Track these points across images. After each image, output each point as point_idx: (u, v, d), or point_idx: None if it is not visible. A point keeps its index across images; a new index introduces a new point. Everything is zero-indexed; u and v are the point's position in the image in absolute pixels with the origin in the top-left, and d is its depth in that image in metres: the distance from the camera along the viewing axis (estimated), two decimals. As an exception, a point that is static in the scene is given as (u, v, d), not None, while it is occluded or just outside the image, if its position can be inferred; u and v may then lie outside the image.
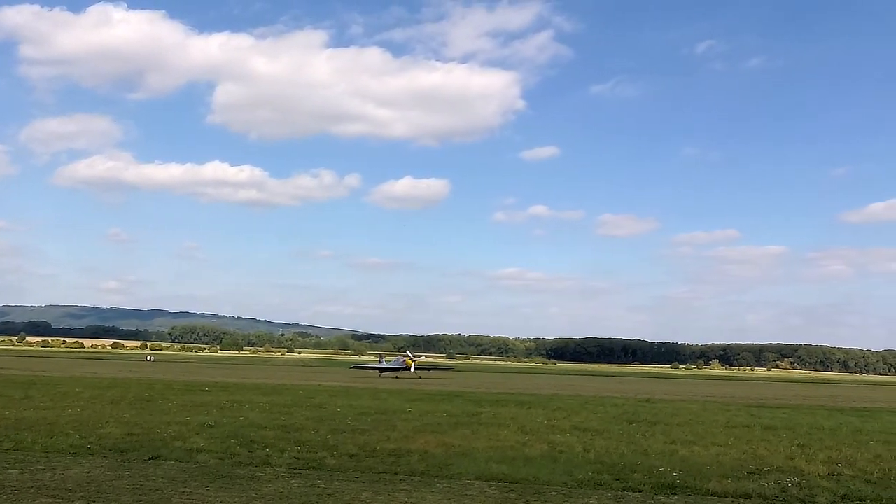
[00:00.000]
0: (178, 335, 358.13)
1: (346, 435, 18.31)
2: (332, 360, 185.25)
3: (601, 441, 18.73)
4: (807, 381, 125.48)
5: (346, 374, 73.42)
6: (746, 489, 12.65)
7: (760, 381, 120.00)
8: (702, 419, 26.74)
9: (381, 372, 69.67)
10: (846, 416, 32.01)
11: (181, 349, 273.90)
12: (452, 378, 70.98)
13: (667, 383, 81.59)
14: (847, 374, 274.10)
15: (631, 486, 12.70)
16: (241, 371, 76.32)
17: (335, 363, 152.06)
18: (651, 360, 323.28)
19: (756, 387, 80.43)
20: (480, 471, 13.64)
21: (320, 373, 78.69)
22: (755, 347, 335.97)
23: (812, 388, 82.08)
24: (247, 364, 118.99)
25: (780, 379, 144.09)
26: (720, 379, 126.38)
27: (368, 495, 11.29)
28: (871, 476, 14.51)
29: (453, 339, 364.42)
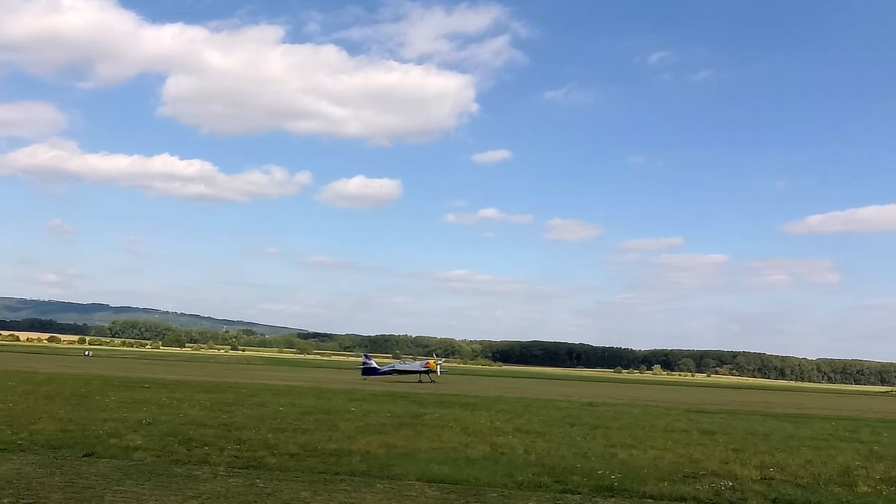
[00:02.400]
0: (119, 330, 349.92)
1: (287, 434, 18.14)
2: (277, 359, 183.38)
3: (543, 443, 18.90)
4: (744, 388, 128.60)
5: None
6: (682, 492, 12.91)
7: (700, 386, 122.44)
8: (642, 423, 27.16)
9: (399, 374, 66.98)
10: (780, 421, 32.85)
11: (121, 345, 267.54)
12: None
13: (609, 387, 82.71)
14: (783, 381, 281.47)
15: (570, 489, 12.84)
16: (182, 368, 74.99)
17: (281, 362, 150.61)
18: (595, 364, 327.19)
19: (696, 392, 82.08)
20: (422, 472, 13.65)
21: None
22: (696, 353, 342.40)
23: (749, 394, 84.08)
24: (189, 361, 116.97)
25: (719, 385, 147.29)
26: (661, 384, 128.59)
27: (308, 495, 11.21)
28: (801, 481, 14.92)
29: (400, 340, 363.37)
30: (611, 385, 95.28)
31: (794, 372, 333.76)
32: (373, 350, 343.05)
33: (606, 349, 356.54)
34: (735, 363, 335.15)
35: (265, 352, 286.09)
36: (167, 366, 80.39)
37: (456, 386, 58.06)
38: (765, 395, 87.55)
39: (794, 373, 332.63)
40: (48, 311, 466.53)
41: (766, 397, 75.09)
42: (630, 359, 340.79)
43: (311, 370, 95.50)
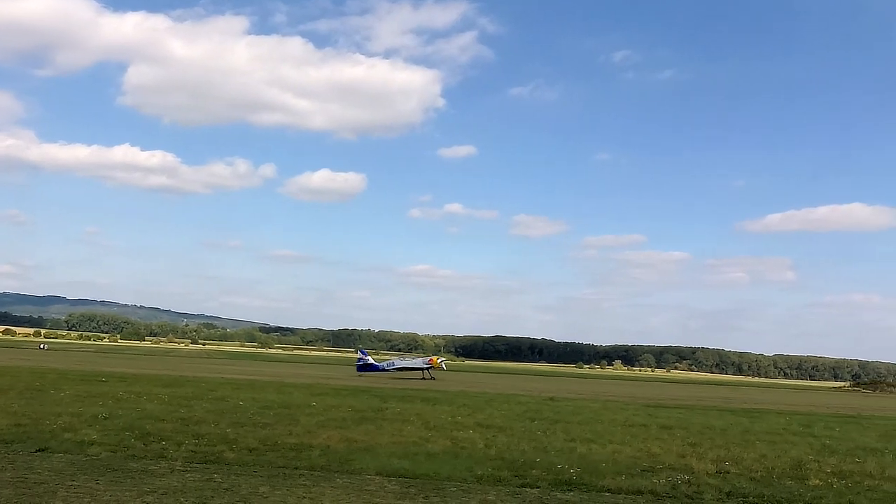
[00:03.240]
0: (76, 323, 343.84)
1: (247, 429, 17.99)
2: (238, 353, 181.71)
3: (503, 438, 18.99)
4: (703, 383, 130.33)
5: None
6: (639, 486, 13.06)
7: (659, 381, 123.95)
8: (601, 418, 27.44)
9: (402, 371, 64.93)
10: (737, 416, 33.40)
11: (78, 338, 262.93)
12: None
13: (571, 382, 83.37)
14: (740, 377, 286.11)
15: (529, 483, 12.93)
16: (141, 362, 73.93)
17: (242, 356, 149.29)
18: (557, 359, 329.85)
19: (655, 387, 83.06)
20: (382, 466, 13.64)
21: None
22: (656, 349, 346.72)
23: (707, 390, 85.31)
24: (147, 355, 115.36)
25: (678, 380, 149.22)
26: (622, 379, 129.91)
27: (266, 490, 11.13)
28: (756, 474, 15.20)
29: (363, 334, 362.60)
30: (572, 380, 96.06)
31: (752, 368, 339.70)
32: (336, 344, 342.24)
33: (568, 344, 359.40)
34: (694, 359, 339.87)
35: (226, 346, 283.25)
36: (125, 359, 79.21)
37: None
38: (722, 390, 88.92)
39: (752, 369, 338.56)
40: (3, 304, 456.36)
41: (723, 393, 76.27)
42: (591, 354, 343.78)
43: (273, 364, 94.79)
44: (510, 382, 69.52)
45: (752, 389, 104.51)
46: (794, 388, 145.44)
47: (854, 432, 27.59)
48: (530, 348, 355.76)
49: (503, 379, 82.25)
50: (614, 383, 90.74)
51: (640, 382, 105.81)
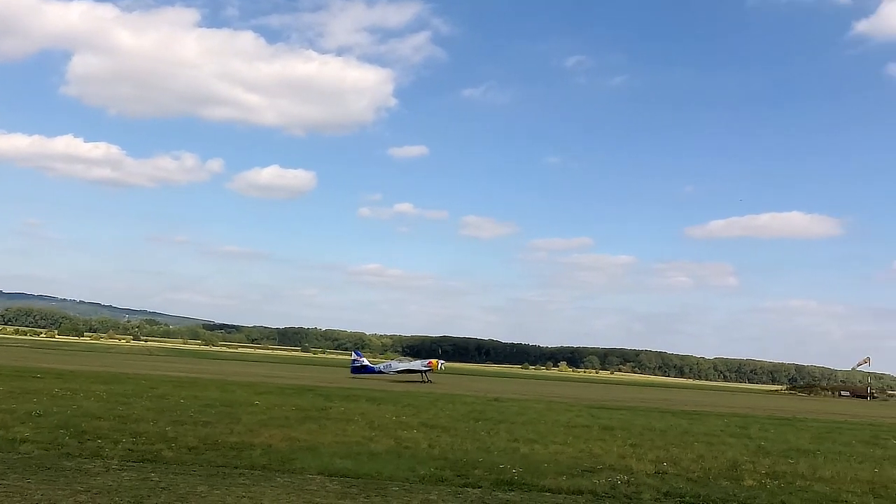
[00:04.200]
0: (12, 318, 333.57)
1: (187, 427, 17.70)
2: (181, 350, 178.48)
3: (447, 438, 19.03)
4: (645, 385, 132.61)
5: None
6: (579, 486, 13.22)
7: (603, 383, 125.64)
8: (545, 418, 27.69)
9: (398, 374, 63.87)
10: (677, 418, 34.01)
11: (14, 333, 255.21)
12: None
13: (516, 383, 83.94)
14: (682, 379, 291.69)
15: (471, 482, 12.99)
16: (79, 358, 72.12)
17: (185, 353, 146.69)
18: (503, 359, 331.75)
19: (599, 389, 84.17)
20: (324, 465, 13.56)
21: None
22: (601, 351, 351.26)
23: (649, 392, 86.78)
24: (86, 351, 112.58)
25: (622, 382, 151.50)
26: (567, 380, 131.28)
27: (204, 489, 10.97)
28: (693, 475, 15.51)
29: (310, 333, 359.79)
30: (517, 381, 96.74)
31: (693, 370, 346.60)
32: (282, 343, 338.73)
33: (515, 345, 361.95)
34: (638, 361, 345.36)
35: (169, 343, 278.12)
36: (62, 355, 77.15)
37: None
38: (664, 392, 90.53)
39: (693, 371, 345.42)
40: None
41: (665, 395, 77.63)
42: (537, 355, 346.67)
43: (217, 362, 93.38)
44: (456, 382, 69.66)
45: (692, 392, 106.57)
46: (733, 390, 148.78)
47: (788, 434, 28.32)
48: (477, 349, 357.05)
49: (448, 379, 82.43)
50: (559, 384, 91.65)
51: (583, 384, 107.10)
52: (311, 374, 65.05)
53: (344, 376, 62.22)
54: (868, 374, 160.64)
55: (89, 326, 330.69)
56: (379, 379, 60.09)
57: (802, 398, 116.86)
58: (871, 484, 15.78)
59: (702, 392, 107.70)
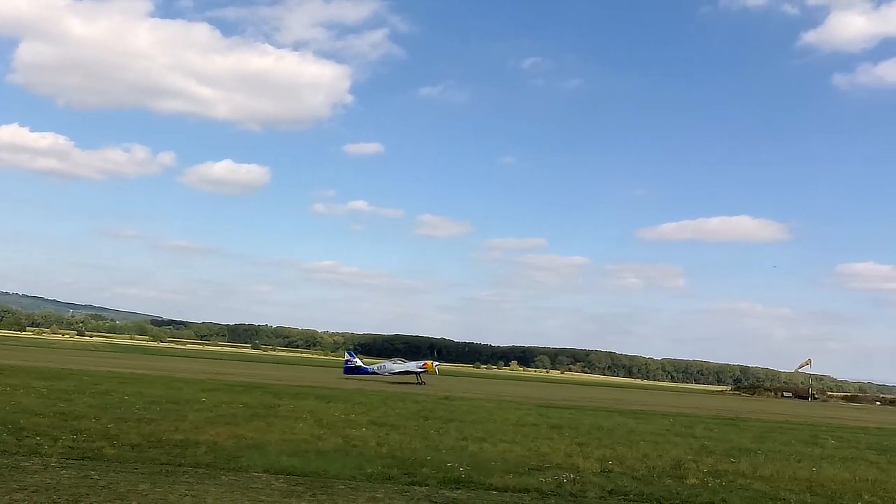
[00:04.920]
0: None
1: (130, 424, 17.37)
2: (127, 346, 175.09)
3: (396, 436, 19.00)
4: (594, 384, 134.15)
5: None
6: (526, 484, 13.31)
7: (554, 382, 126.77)
8: (495, 417, 27.82)
9: (395, 375, 62.51)
10: (624, 417, 34.48)
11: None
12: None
13: (467, 381, 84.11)
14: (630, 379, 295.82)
15: (418, 481, 12.99)
16: (20, 353, 70.23)
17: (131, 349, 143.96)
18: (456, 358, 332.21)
19: (549, 388, 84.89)
20: (270, 463, 13.42)
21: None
22: (552, 351, 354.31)
23: (598, 391, 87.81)
24: (28, 346, 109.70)
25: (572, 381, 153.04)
26: (518, 379, 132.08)
27: (146, 487, 10.76)
28: (638, 473, 15.74)
29: (261, 330, 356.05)
30: (468, 379, 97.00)
31: (641, 371, 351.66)
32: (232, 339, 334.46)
33: (467, 344, 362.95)
34: (588, 361, 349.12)
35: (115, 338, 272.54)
36: (2, 350, 75.05)
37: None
38: (613, 392, 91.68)
39: (641, 371, 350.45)
40: None
41: (613, 394, 78.63)
42: (489, 354, 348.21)
43: (164, 358, 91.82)
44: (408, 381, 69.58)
45: (640, 391, 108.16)
46: (680, 390, 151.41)
47: (732, 434, 28.92)
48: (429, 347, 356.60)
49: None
50: (509, 383, 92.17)
51: (534, 383, 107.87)
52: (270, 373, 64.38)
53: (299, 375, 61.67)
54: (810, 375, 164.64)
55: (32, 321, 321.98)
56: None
57: (747, 398, 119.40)
58: (809, 482, 16.21)
59: (649, 392, 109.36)
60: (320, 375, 66.32)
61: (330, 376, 66.07)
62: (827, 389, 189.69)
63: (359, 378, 60.56)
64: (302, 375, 63.35)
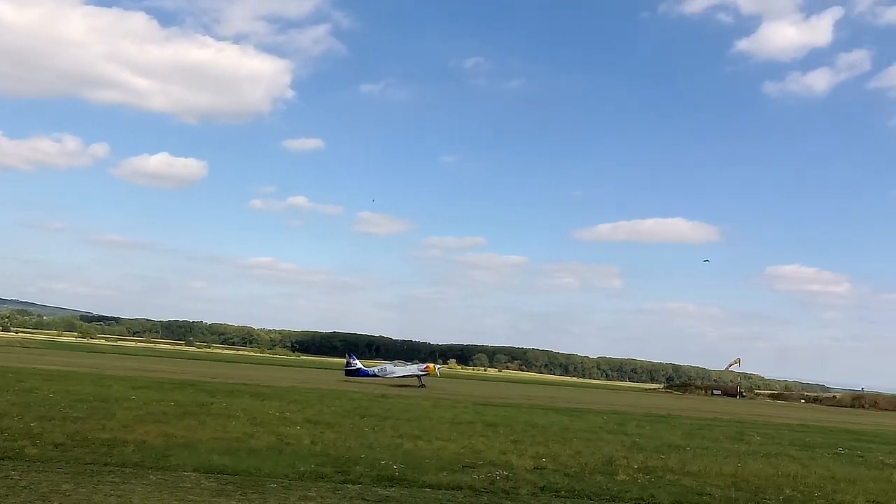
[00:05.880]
0: None
1: (54, 423, 16.86)
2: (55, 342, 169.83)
3: (331, 434, 18.88)
4: (531, 383, 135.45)
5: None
6: (459, 481, 13.38)
7: (491, 380, 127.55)
8: (430, 415, 27.86)
9: (397, 378, 61.25)
10: (559, 415, 34.90)
11: None
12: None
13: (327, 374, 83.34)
14: (566, 377, 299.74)
15: (351, 479, 12.93)
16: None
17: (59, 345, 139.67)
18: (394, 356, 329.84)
19: (486, 386, 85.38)
20: (201, 462, 13.20)
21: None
22: (490, 349, 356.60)
23: (535, 389, 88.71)
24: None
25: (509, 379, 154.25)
26: (455, 377, 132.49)
27: (69, 487, 10.47)
28: (570, 470, 15.97)
29: (195, 326, 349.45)
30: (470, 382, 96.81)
31: (577, 369, 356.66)
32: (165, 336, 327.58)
33: (406, 342, 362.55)
34: (525, 359, 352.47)
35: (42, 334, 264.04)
36: (-79, 346, 72.10)
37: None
38: (549, 389, 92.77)
39: (577, 370, 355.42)
40: None
41: (549, 392, 79.56)
42: (427, 352, 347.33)
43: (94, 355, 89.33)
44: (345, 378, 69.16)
45: (576, 389, 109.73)
46: (614, 388, 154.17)
47: (663, 431, 29.56)
48: (368, 345, 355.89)
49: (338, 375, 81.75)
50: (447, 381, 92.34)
51: (472, 381, 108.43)
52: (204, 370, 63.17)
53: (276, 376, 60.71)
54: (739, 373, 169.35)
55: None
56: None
57: (678, 396, 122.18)
58: (734, 478, 16.68)
59: (585, 390, 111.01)
60: (256, 373, 65.46)
61: (269, 374, 65.29)
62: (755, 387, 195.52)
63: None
64: (237, 373, 62.40)
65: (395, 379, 61.89)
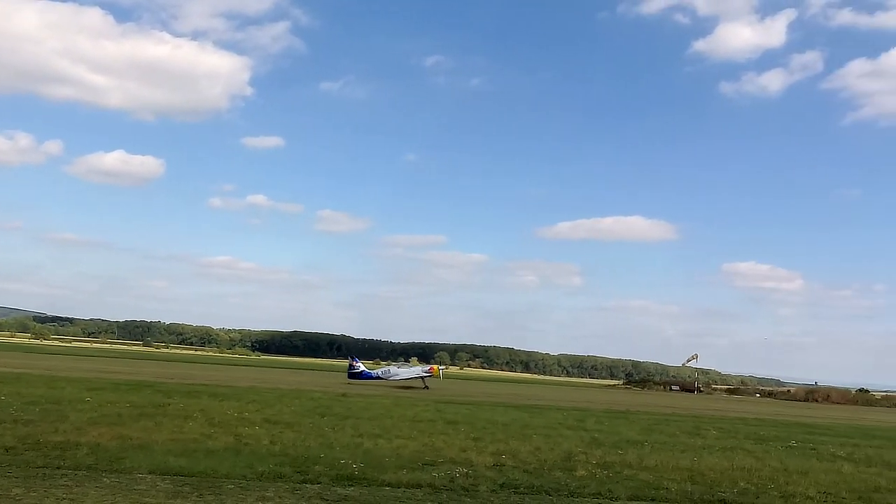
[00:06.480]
0: None
1: (5, 426, 16.51)
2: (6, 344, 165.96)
3: (290, 434, 18.75)
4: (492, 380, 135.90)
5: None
6: (419, 479, 13.39)
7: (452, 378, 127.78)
8: (391, 413, 27.81)
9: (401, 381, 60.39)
10: (519, 411, 35.09)
11: None
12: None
13: (329, 376, 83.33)
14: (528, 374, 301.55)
15: (310, 479, 12.87)
16: None
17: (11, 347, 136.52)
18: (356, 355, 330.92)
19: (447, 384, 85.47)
20: (157, 464, 13.02)
21: None
22: (451, 347, 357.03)
23: (496, 386, 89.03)
24: None
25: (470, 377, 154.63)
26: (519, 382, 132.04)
27: (20, 491, 10.26)
28: (529, 466, 16.08)
29: (153, 326, 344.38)
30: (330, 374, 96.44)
31: (538, 366, 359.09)
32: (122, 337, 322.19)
33: (367, 341, 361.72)
34: (486, 356, 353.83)
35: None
36: None
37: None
38: (510, 386, 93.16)
39: (538, 367, 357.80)
40: None
41: (510, 389, 79.90)
42: (389, 350, 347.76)
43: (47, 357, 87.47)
44: (306, 378, 68.79)
45: (537, 386, 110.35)
46: (575, 385, 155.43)
47: (621, 426, 29.87)
48: (329, 344, 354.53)
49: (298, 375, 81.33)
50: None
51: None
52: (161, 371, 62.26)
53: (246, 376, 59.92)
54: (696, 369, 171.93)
55: None
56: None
57: (637, 392, 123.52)
58: (690, 471, 16.94)
59: (545, 387, 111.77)
60: (215, 373, 64.70)
61: (229, 374, 64.61)
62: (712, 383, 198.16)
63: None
64: (195, 373, 61.61)
65: (400, 381, 61.19)
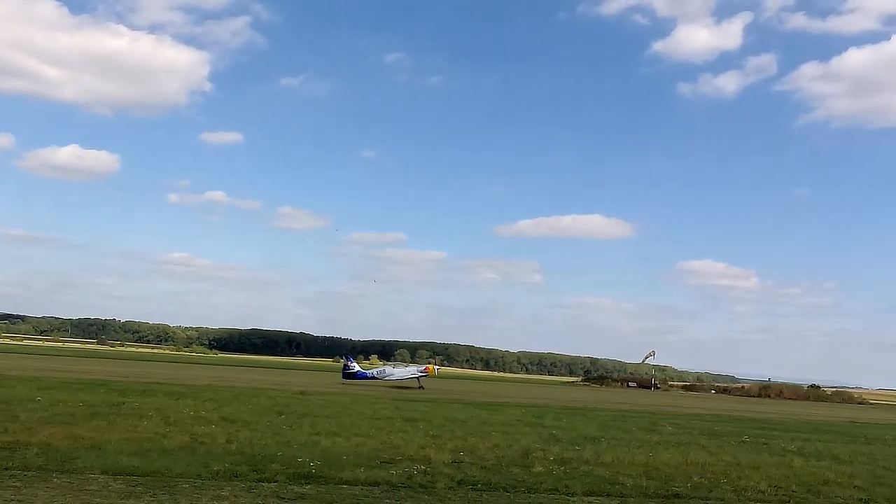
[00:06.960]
0: None
1: (-49, 426, 16.10)
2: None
3: (247, 432, 18.58)
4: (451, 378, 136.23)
5: None
6: (376, 477, 13.38)
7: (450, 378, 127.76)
8: (349, 411, 27.73)
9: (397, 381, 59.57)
10: (478, 409, 35.23)
11: None
12: None
13: (324, 376, 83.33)
14: (488, 372, 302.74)
15: (266, 477, 12.78)
16: None
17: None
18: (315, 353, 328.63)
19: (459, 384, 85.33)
20: (109, 464, 12.82)
21: None
22: (411, 345, 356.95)
23: (455, 384, 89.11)
24: None
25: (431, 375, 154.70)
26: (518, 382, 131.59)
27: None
28: (487, 463, 16.16)
29: (108, 324, 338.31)
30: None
31: (498, 363, 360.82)
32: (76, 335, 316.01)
33: (326, 339, 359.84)
34: (447, 354, 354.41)
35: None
36: None
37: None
38: (469, 384, 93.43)
39: (498, 364, 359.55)
40: None
41: (469, 387, 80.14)
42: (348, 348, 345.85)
43: None
44: (263, 376, 68.20)
45: (496, 384, 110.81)
46: (534, 382, 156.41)
47: (579, 423, 30.16)
48: (287, 342, 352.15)
49: (256, 373, 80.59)
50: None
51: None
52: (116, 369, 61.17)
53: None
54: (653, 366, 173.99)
55: None
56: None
57: (595, 389, 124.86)
58: (646, 467, 17.19)
59: (505, 384, 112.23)
60: (171, 372, 63.80)
61: (185, 373, 63.76)
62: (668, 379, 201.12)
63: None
64: (151, 372, 60.69)
65: (395, 381, 60.67)
